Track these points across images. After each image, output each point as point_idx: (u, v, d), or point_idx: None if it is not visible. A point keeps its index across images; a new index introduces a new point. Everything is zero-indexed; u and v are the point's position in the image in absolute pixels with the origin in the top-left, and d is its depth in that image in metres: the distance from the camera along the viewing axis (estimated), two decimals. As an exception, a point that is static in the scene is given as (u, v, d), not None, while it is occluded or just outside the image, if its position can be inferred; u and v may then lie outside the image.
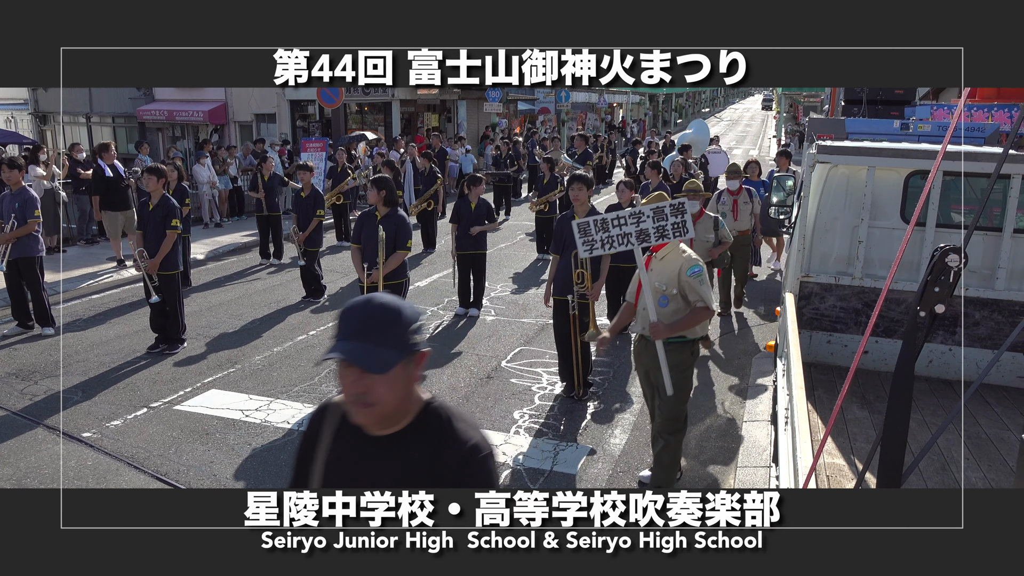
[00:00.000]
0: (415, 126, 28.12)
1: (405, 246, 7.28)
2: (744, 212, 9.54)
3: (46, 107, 34.52)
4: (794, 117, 52.05)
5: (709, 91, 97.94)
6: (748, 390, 7.33)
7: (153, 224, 7.93)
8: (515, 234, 15.90)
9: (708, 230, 7.36)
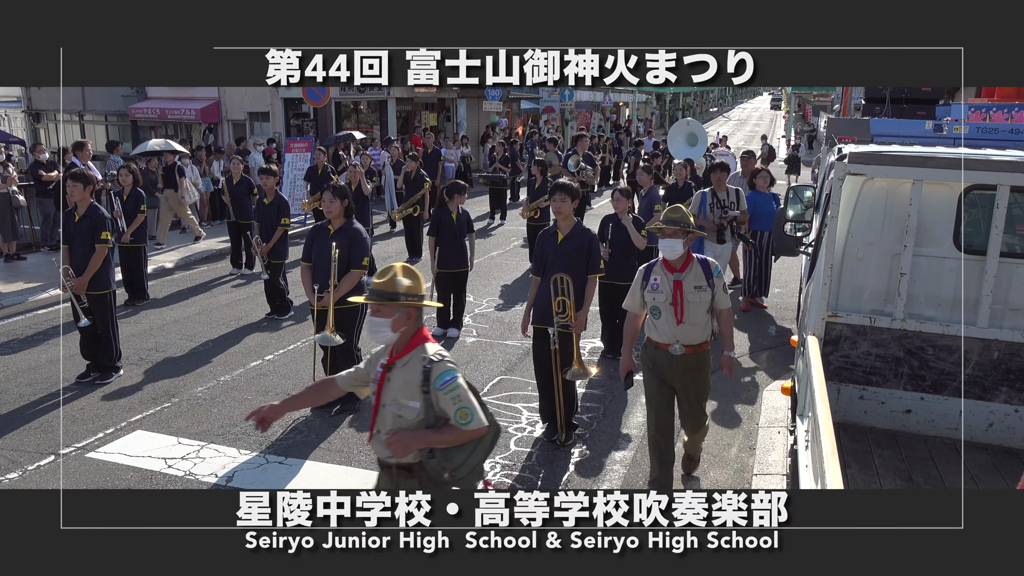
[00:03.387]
0: (412, 125, 27.16)
1: (361, 265, 6.30)
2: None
3: (39, 105, 33.85)
4: (803, 117, 50.97)
5: (717, 90, 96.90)
6: (758, 433, 6.32)
7: (80, 237, 6.97)
8: (509, 240, 14.90)
9: (700, 279, 4.80)
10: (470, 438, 3.28)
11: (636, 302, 5.03)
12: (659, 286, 4.85)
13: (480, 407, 3.30)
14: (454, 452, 3.26)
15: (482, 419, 3.27)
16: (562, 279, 5.76)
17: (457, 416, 3.23)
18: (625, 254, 7.76)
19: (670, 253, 4.79)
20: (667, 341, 4.89)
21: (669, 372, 4.96)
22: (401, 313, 3.29)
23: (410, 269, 3.40)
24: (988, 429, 4.40)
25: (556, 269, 5.80)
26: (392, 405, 3.31)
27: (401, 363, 3.33)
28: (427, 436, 3.24)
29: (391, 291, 3.28)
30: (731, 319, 5.01)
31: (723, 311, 4.92)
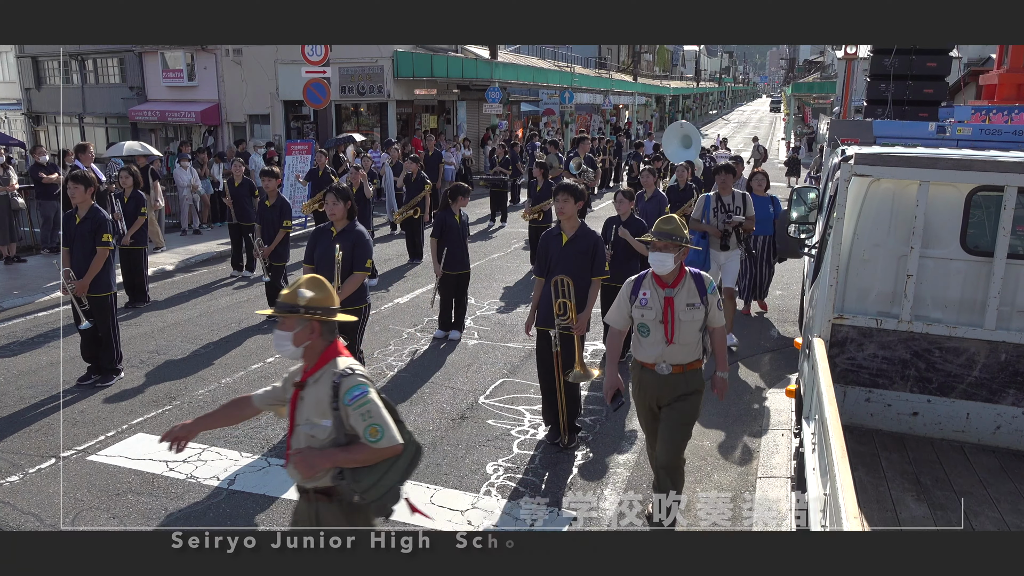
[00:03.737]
0: (412, 127, 27.14)
1: (363, 267, 6.26)
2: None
3: (39, 107, 33.87)
4: (803, 119, 51.02)
5: (716, 92, 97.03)
6: (762, 436, 6.30)
7: (81, 240, 6.93)
8: (510, 243, 14.88)
9: (693, 296, 4.47)
10: (382, 457, 3.03)
11: (621, 317, 4.63)
12: (648, 302, 4.48)
13: (396, 424, 3.08)
14: (364, 473, 3.03)
15: (395, 437, 3.03)
16: (562, 281, 5.73)
17: (367, 433, 2.99)
18: (628, 256, 7.72)
19: (660, 268, 4.42)
20: (653, 361, 4.53)
21: (656, 393, 4.60)
22: (304, 327, 3.10)
23: (318, 281, 3.21)
24: (996, 432, 4.37)
25: (560, 271, 5.77)
26: (305, 425, 3.12)
27: (312, 380, 3.14)
28: (334, 455, 3.02)
29: (291, 303, 3.10)
30: (725, 338, 4.65)
31: (717, 329, 4.56)
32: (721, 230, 8.20)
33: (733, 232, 8.21)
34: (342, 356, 3.17)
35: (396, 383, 7.29)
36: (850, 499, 2.49)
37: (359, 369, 3.12)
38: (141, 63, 29.29)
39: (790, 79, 56.11)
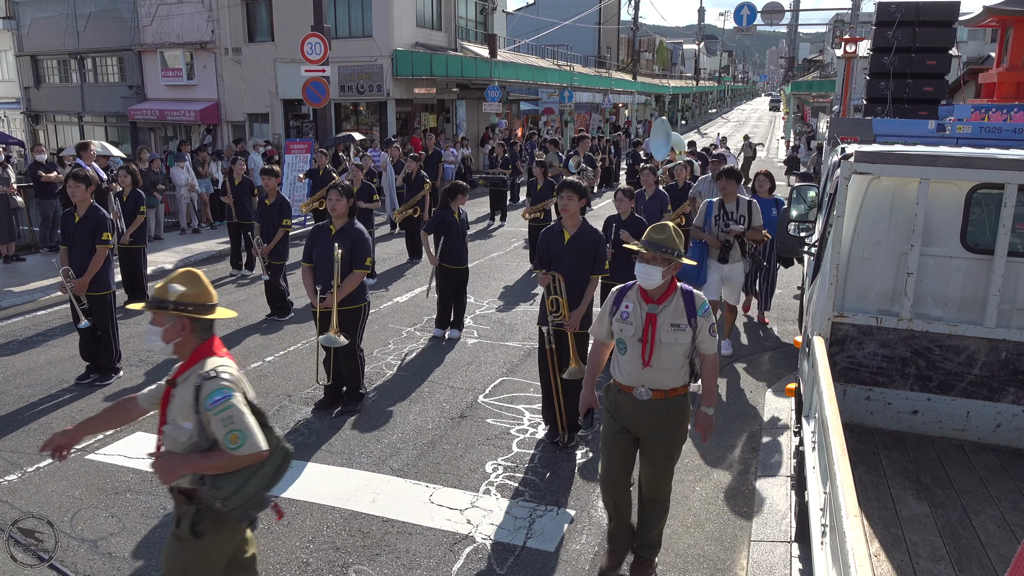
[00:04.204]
0: (412, 126, 27.12)
1: (363, 265, 6.26)
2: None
3: (39, 106, 33.84)
4: (802, 118, 50.99)
5: (716, 91, 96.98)
6: (762, 434, 6.29)
7: (80, 238, 6.92)
8: (509, 242, 14.87)
9: (679, 316, 4.00)
10: (243, 465, 2.93)
11: (603, 329, 4.20)
12: (629, 316, 4.01)
13: (264, 430, 2.99)
14: (225, 479, 2.92)
15: (258, 444, 2.92)
16: (554, 278, 5.73)
17: (227, 440, 2.88)
18: (629, 255, 7.71)
19: (646, 281, 3.93)
20: (631, 383, 4.04)
21: (633, 420, 4.09)
22: (174, 323, 3.01)
23: (192, 276, 3.09)
24: (996, 430, 4.36)
25: (561, 268, 5.76)
26: (170, 426, 3.00)
27: (182, 379, 3.01)
28: (194, 461, 2.92)
29: (161, 298, 3.00)
30: (716, 367, 4.10)
31: (707, 357, 4.05)
32: (721, 240, 7.59)
33: (736, 242, 7.60)
34: (214, 356, 3.04)
35: (395, 382, 7.28)
36: (850, 497, 2.48)
37: (226, 372, 2.98)
38: (140, 62, 29.26)
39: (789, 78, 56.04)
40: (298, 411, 6.56)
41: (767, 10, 29.13)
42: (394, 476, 5.45)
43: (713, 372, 4.11)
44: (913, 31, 10.21)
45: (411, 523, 4.84)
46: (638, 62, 53.79)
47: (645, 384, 4.01)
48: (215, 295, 3.15)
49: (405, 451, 5.84)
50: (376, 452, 5.83)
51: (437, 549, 4.56)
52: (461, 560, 4.46)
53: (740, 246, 7.66)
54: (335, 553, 4.52)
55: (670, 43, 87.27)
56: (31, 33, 32.41)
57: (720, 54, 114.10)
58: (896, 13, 10.15)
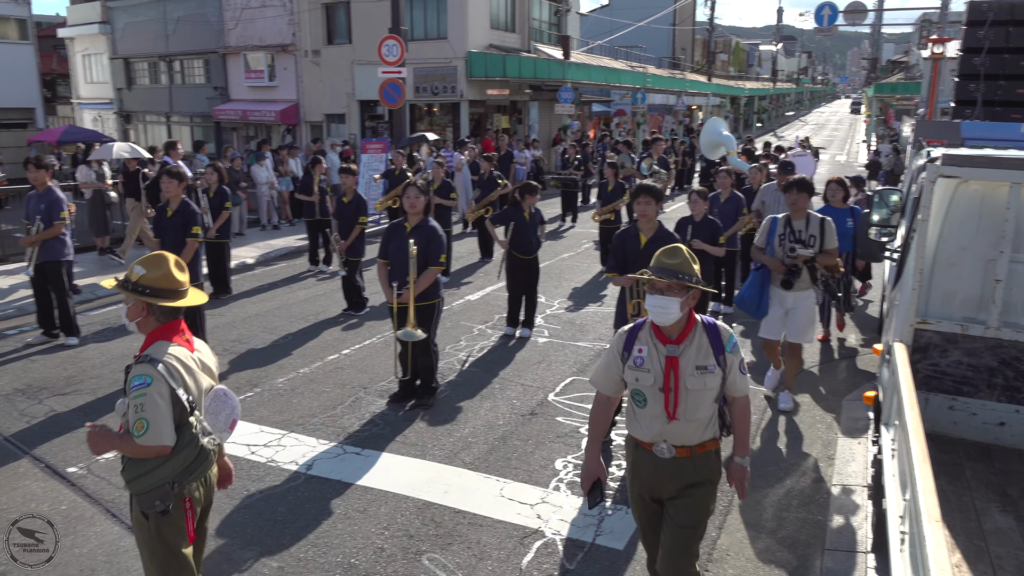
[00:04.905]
0: (484, 127, 27.38)
1: (438, 262, 6.40)
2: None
3: (130, 107, 35.43)
4: (884, 121, 49.35)
5: (794, 94, 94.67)
6: (838, 442, 6.17)
7: (172, 232, 7.27)
8: (580, 243, 14.90)
9: (705, 356, 3.40)
10: (145, 454, 2.95)
11: (610, 380, 3.50)
12: (645, 362, 3.36)
13: (174, 424, 2.98)
14: (133, 464, 3.00)
15: (161, 437, 2.92)
16: (637, 281, 5.72)
17: (133, 426, 2.91)
18: (701, 258, 7.64)
19: (660, 317, 3.29)
20: (651, 440, 3.42)
21: (654, 481, 3.46)
22: (135, 303, 3.10)
23: (157, 259, 3.13)
24: None
25: (636, 269, 5.77)
26: (120, 400, 3.10)
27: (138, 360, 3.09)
28: (113, 440, 3.00)
29: (125, 277, 3.10)
30: (748, 412, 3.50)
31: (738, 399, 3.45)
32: (787, 265, 6.35)
33: (804, 268, 6.33)
34: (166, 341, 3.09)
35: (467, 378, 7.41)
36: (932, 503, 2.45)
37: (163, 357, 3.00)
38: (224, 64, 30.37)
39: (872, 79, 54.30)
40: (373, 403, 6.75)
41: (850, 10, 28.33)
42: (465, 469, 5.56)
43: (745, 417, 3.49)
44: (1007, 31, 9.81)
45: (482, 515, 4.94)
46: (713, 63, 52.98)
47: (667, 440, 3.37)
48: (180, 281, 3.16)
49: (476, 445, 5.95)
50: (448, 445, 5.95)
51: (507, 542, 4.65)
52: (531, 553, 4.54)
53: (810, 272, 6.39)
54: (408, 541, 4.65)
55: (747, 44, 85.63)
56: (124, 37, 33.99)
57: (799, 55, 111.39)
58: (988, 12, 9.77)
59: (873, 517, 4.57)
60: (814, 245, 6.34)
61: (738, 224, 9.24)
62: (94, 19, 34.75)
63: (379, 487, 5.27)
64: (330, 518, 4.88)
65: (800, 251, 6.31)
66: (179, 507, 3.10)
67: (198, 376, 3.19)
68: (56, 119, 39.25)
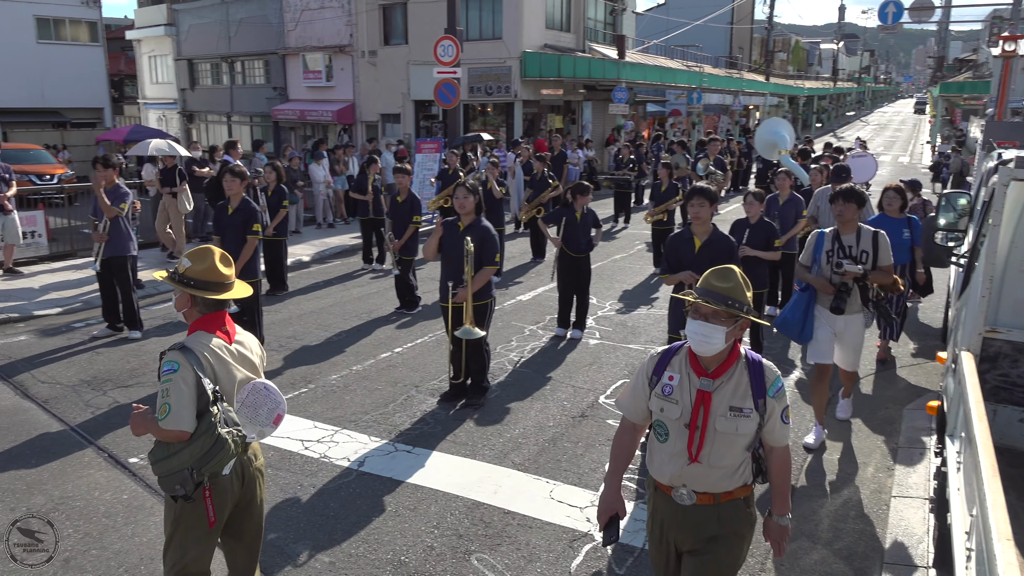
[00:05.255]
0: (538, 127, 27.38)
1: (493, 261, 6.42)
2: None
3: (193, 106, 36.42)
4: (951, 121, 47.85)
5: (855, 93, 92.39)
6: (898, 453, 5.99)
7: (233, 229, 7.44)
8: (632, 244, 14.78)
9: (742, 397, 2.97)
10: (167, 437, 3.06)
11: (636, 405, 3.13)
12: (674, 391, 2.98)
13: (196, 412, 3.06)
14: (157, 447, 3.12)
15: (181, 421, 3.03)
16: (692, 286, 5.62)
17: (158, 410, 3.07)
18: (757, 261, 7.52)
19: (702, 346, 2.90)
20: (669, 482, 3.03)
21: (671, 531, 3.10)
22: (180, 294, 3.29)
23: (202, 253, 3.29)
24: None
25: (691, 270, 5.69)
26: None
27: None
28: (148, 422, 3.13)
29: (173, 270, 3.28)
30: (788, 465, 3.08)
31: (776, 450, 3.03)
32: (835, 285, 5.66)
33: (855, 287, 5.66)
34: (205, 332, 3.23)
35: (517, 378, 7.40)
36: (1002, 521, 2.35)
37: (195, 347, 3.14)
38: (284, 65, 30.99)
39: (938, 78, 52.66)
40: (424, 401, 6.79)
41: (916, 7, 27.47)
42: (515, 470, 5.56)
43: (786, 470, 3.06)
44: (1085, 27, 9.40)
45: (531, 516, 4.93)
46: (771, 62, 52.04)
47: (688, 484, 2.99)
48: (224, 275, 3.31)
49: (526, 446, 5.94)
50: (498, 446, 5.96)
51: (557, 544, 4.63)
52: (580, 557, 4.51)
53: (861, 291, 5.68)
54: (458, 540, 4.66)
55: (806, 42, 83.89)
56: (188, 39, 34.95)
57: (861, 54, 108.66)
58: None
59: (935, 532, 4.42)
60: (866, 262, 5.68)
61: (797, 227, 9.04)
62: (160, 21, 35.86)
63: (429, 485, 5.30)
64: (381, 515, 4.93)
65: (848, 267, 5.59)
66: (199, 494, 3.19)
67: (231, 368, 3.29)
68: (123, 119, 40.57)
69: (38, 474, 5.44)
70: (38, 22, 32.21)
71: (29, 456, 5.72)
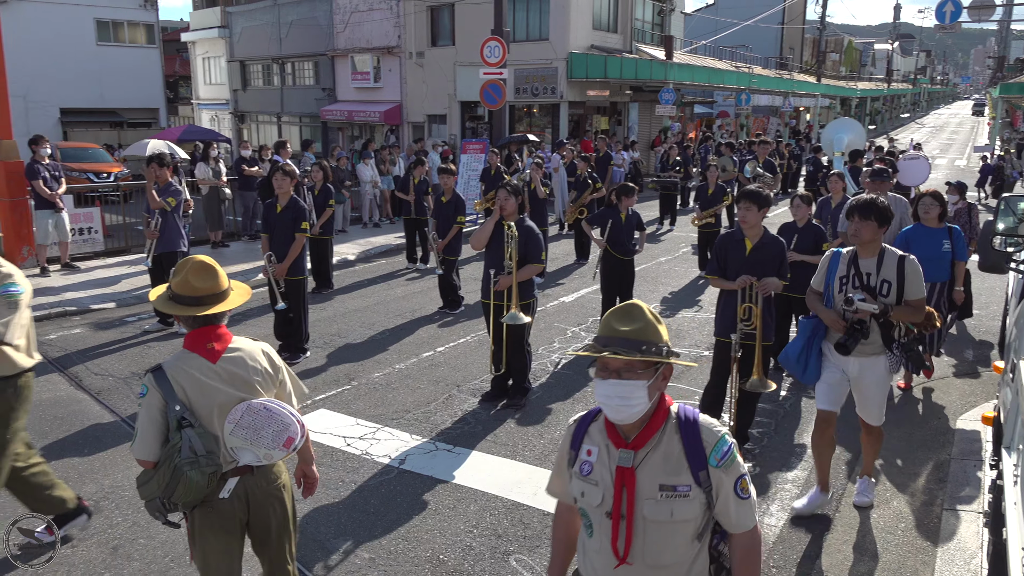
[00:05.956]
0: (583, 129, 27.29)
1: (539, 259, 6.43)
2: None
3: (244, 107, 37.14)
4: (1011, 123, 46.35)
5: (910, 94, 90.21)
6: (950, 465, 5.81)
7: (282, 227, 7.55)
8: (677, 246, 14.62)
9: (674, 470, 2.28)
10: (141, 465, 2.95)
11: (563, 488, 2.51)
12: (592, 470, 2.32)
13: (157, 441, 2.88)
14: (142, 472, 2.98)
15: (139, 449, 2.89)
16: (751, 284, 5.52)
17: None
18: (805, 267, 7.34)
19: (621, 412, 2.23)
20: None
21: None
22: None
23: (181, 264, 3.05)
24: None
25: (739, 272, 5.60)
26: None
27: None
28: None
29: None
30: (757, 555, 2.32)
31: (737, 537, 2.32)
32: (848, 322, 4.49)
33: (875, 323, 4.49)
34: (186, 350, 3.01)
35: (559, 380, 7.38)
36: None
37: (168, 369, 2.94)
38: (333, 66, 31.42)
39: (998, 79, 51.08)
40: (466, 401, 6.81)
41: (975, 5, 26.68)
42: (555, 472, 5.53)
43: (752, 561, 2.32)
44: None
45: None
46: (823, 63, 51.08)
47: None
48: (197, 288, 2.98)
49: (567, 448, 5.90)
50: (539, 447, 5.94)
51: (596, 548, 4.59)
52: (619, 561, 4.46)
53: (883, 329, 4.50)
54: (496, 540, 4.66)
55: (860, 43, 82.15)
56: (241, 41, 35.66)
57: (916, 54, 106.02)
58: None
59: (989, 547, 4.27)
60: (888, 294, 4.45)
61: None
62: (214, 24, 36.66)
63: (469, 485, 5.31)
64: (421, 513, 4.95)
65: (860, 304, 4.34)
66: (187, 518, 3.12)
67: (211, 390, 2.98)
68: (177, 119, 41.55)
69: (90, 463, 5.59)
70: (98, 25, 33.17)
71: (82, 445, 5.89)
